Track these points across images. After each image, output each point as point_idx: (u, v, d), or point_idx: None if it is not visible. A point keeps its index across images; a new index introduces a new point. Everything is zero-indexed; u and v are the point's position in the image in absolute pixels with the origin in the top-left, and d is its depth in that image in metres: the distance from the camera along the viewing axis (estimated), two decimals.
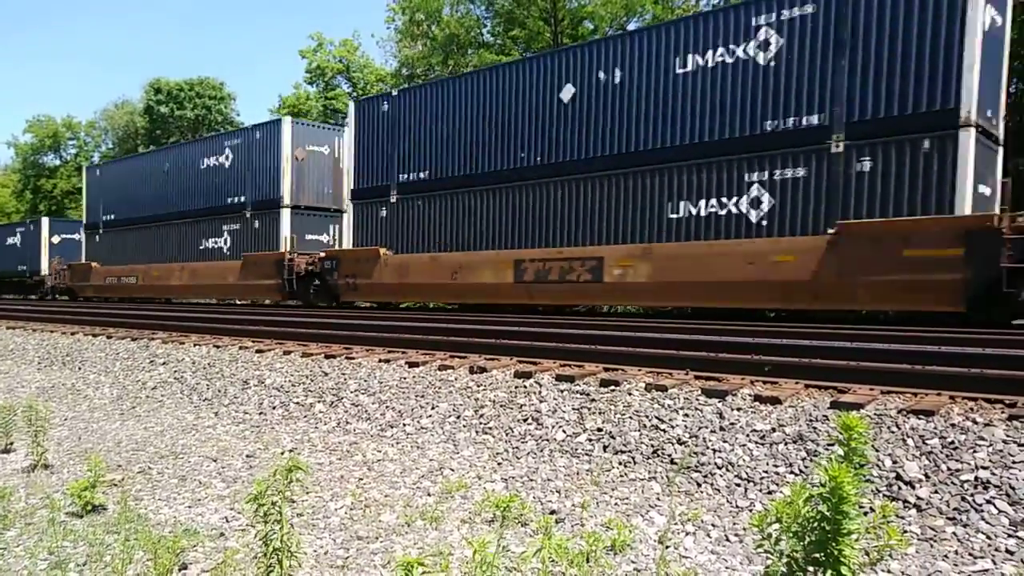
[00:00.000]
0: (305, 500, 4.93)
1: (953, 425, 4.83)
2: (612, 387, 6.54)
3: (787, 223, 11.67)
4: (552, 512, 4.64)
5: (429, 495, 5.06)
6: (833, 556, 2.88)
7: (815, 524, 2.97)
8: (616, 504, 4.76)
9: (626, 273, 13.43)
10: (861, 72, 11.06)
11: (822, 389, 5.95)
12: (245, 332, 12.30)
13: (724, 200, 12.36)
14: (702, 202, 12.62)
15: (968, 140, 10.16)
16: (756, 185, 12.01)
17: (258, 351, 10.32)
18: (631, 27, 30.91)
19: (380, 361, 8.70)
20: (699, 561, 3.86)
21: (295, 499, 3.64)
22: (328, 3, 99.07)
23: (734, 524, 4.32)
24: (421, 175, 17.32)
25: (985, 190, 10.92)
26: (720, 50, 12.42)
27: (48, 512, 4.64)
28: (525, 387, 6.96)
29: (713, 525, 4.33)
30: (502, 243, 15.60)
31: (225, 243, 22.80)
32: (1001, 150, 11.61)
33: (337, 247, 20.92)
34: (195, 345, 11.53)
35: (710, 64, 12.53)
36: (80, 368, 11.67)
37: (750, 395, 5.85)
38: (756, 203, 11.99)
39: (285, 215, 20.84)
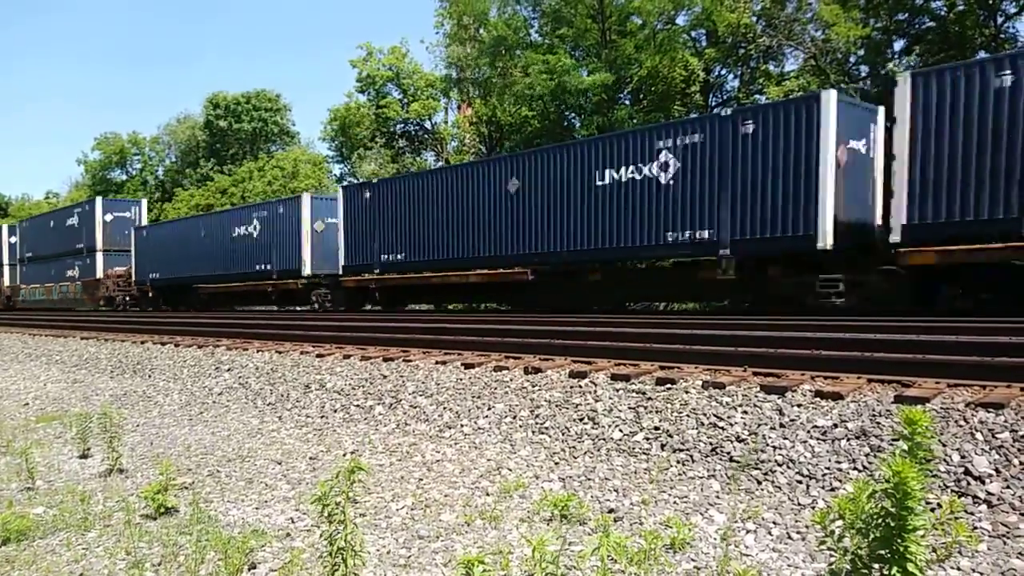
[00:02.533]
0: (367, 501, 5.03)
1: None
2: (668, 385, 6.50)
3: None
4: (610, 511, 4.64)
5: (488, 495, 5.11)
6: (899, 553, 2.83)
7: (879, 520, 2.92)
8: (675, 502, 4.73)
9: None
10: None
11: (886, 383, 5.81)
12: (306, 338, 12.58)
13: None
14: None
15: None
16: None
17: (318, 355, 10.55)
18: (680, 20, 30.59)
19: (437, 363, 8.80)
20: (760, 559, 3.82)
21: (357, 500, 3.73)
22: (376, 12, 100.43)
23: (796, 522, 4.26)
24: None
25: None
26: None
27: (124, 514, 4.83)
28: (580, 387, 6.97)
29: (774, 523, 4.27)
30: None
31: None
32: None
33: None
34: (258, 351, 11.84)
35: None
36: (150, 376, 12.09)
37: (810, 391, 5.75)
38: None
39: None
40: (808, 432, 5.17)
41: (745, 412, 5.66)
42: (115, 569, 4.02)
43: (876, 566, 2.88)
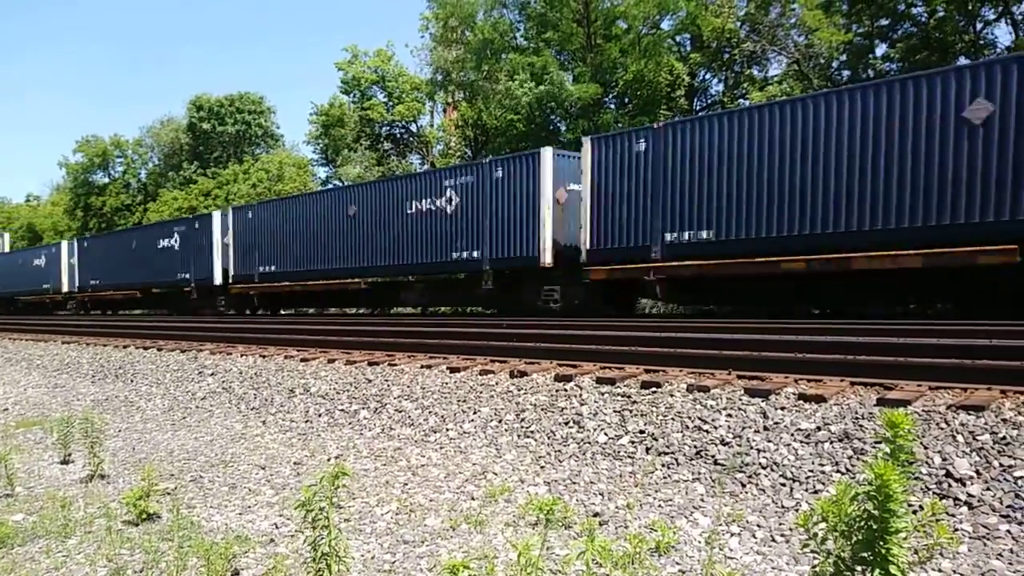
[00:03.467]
0: (352, 505, 5.01)
1: (1005, 420, 4.72)
2: (653, 389, 6.52)
3: None
4: (596, 514, 4.65)
5: (473, 499, 5.10)
6: (881, 555, 2.85)
7: (862, 523, 2.94)
8: (660, 506, 4.74)
9: None
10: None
11: (868, 386, 5.86)
12: (290, 342, 12.51)
13: None
14: None
15: None
16: None
17: (303, 360, 10.50)
18: (665, 25, 30.73)
19: (422, 367, 8.78)
20: (745, 562, 3.83)
21: (342, 505, 3.71)
22: (362, 16, 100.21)
23: (780, 524, 4.28)
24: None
25: None
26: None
27: (105, 520, 4.78)
28: (566, 390, 6.98)
29: (758, 525, 4.29)
30: None
31: None
32: None
33: None
34: (242, 355, 11.77)
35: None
36: (133, 380, 11.98)
37: (794, 394, 5.78)
38: None
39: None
40: (792, 435, 5.20)
41: (729, 415, 5.69)
42: None
43: (859, 568, 2.90)
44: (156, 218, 45.59)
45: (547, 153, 16.40)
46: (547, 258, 16.15)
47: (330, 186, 40.83)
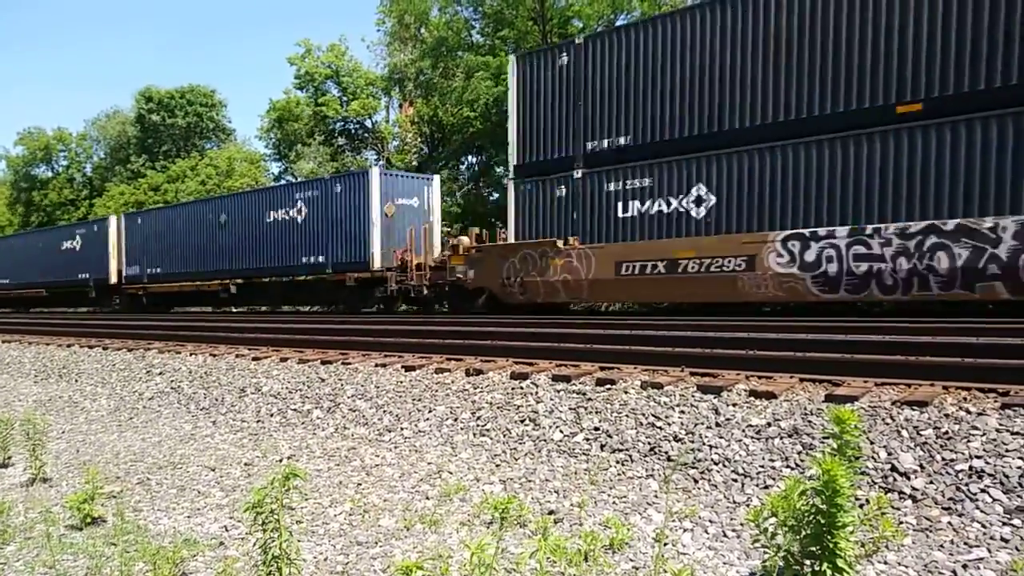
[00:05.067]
0: (304, 507, 4.94)
1: (947, 415, 4.86)
2: (608, 386, 6.56)
3: None
4: (550, 512, 4.65)
5: (428, 498, 5.07)
6: (829, 549, 2.90)
7: (811, 518, 2.99)
8: (614, 503, 4.77)
9: None
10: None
11: (817, 383, 5.98)
12: (241, 340, 12.30)
13: None
14: None
15: None
16: None
17: (254, 359, 10.32)
18: (619, 23, 30.94)
19: (376, 366, 8.71)
20: (697, 557, 3.88)
21: (294, 506, 3.64)
22: (317, 10, 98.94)
23: (731, 520, 4.34)
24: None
25: None
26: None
27: (47, 526, 4.63)
28: (522, 388, 6.98)
29: (711, 521, 4.35)
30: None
31: None
32: None
33: None
34: (191, 354, 11.52)
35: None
36: (77, 380, 11.65)
37: (745, 390, 5.87)
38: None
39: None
40: (743, 431, 5.28)
41: (683, 412, 5.75)
42: None
43: (807, 562, 2.95)
44: (103, 212, 44.47)
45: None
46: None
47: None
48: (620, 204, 13.99)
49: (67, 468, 6.46)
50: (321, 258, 20.93)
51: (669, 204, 13.34)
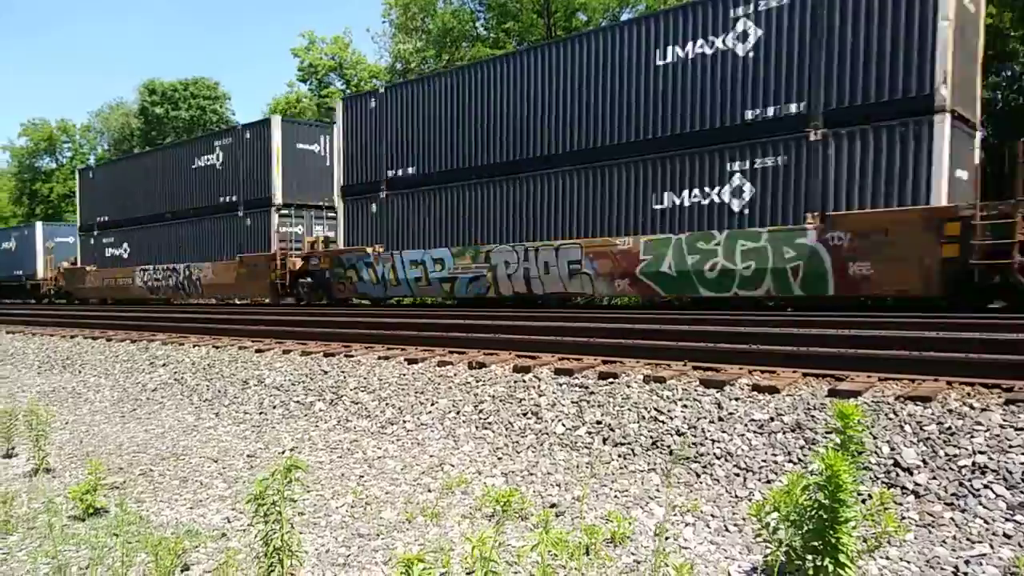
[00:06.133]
0: (306, 499, 4.94)
1: (950, 411, 4.84)
2: (611, 380, 6.55)
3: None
4: (552, 506, 4.65)
5: (430, 491, 5.08)
6: (831, 544, 2.90)
7: (813, 513, 2.99)
8: (616, 496, 4.77)
9: None
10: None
11: (820, 378, 5.97)
12: (244, 332, 12.31)
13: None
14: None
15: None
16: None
17: (257, 351, 10.33)
18: (624, 17, 30.86)
19: (379, 358, 8.71)
20: (698, 552, 3.87)
21: (296, 498, 3.65)
22: (322, 1, 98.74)
23: (733, 514, 4.34)
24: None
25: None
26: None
27: (49, 516, 4.64)
28: (524, 381, 6.97)
29: (712, 515, 4.34)
30: None
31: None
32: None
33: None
34: (194, 346, 11.54)
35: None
36: (80, 371, 11.67)
37: (748, 385, 5.86)
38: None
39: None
40: (746, 425, 5.27)
41: (685, 406, 5.74)
42: (38, 574, 3.86)
43: (809, 557, 2.95)
44: None
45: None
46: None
47: None
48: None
49: (70, 459, 6.48)
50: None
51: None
